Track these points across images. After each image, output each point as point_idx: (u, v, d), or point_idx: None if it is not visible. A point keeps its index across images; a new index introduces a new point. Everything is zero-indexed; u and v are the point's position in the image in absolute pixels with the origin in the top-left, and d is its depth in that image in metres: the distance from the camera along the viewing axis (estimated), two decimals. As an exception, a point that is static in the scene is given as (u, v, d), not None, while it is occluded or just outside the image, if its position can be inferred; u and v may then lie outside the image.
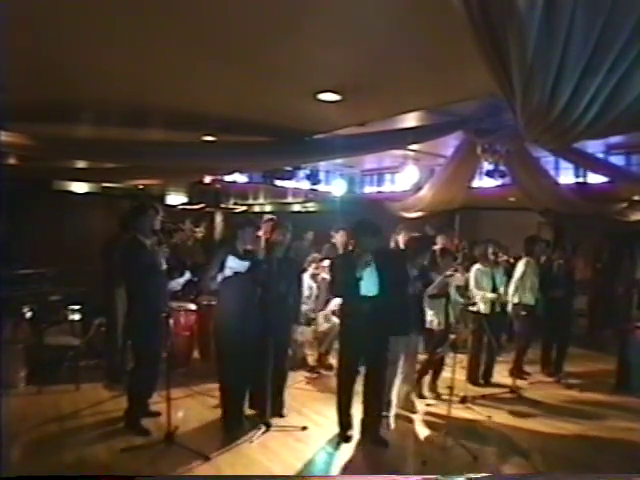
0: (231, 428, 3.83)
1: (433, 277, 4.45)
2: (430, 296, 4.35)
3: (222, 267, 3.77)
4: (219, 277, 3.75)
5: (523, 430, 4.13)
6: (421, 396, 4.68)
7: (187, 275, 4.10)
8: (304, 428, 3.92)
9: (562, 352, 5.74)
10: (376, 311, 3.60)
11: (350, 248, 5.97)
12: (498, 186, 7.27)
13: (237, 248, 3.89)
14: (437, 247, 5.48)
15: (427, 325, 4.46)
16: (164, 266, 3.82)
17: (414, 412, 4.35)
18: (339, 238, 6.88)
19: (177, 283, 3.99)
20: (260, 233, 4.57)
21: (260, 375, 3.96)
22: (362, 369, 3.81)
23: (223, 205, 12.03)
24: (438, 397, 4.72)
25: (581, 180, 7.63)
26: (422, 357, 4.73)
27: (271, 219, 4.36)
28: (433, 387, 4.85)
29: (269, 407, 3.92)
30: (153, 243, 3.86)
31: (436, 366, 4.80)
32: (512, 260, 5.91)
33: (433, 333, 4.51)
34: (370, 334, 3.61)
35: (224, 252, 3.88)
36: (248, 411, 4.06)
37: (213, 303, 3.86)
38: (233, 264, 3.75)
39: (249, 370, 3.91)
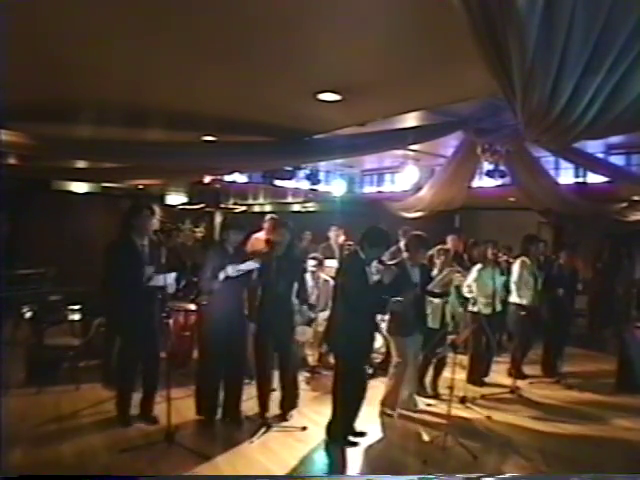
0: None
1: (433, 276, 4.46)
2: (431, 294, 4.34)
3: (223, 268, 3.78)
4: (221, 276, 3.76)
5: (523, 430, 4.13)
6: (422, 395, 4.68)
7: (173, 275, 3.99)
8: (304, 428, 3.92)
9: (559, 352, 5.74)
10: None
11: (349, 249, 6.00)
12: (498, 186, 7.28)
13: (227, 248, 3.91)
14: (441, 247, 5.47)
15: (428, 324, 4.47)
16: (156, 267, 3.81)
17: (415, 411, 4.34)
18: (332, 235, 6.89)
19: (167, 279, 3.92)
20: (261, 235, 4.59)
21: (261, 375, 3.98)
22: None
23: (223, 205, 12.04)
24: (438, 397, 4.72)
25: (581, 180, 7.63)
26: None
27: (272, 218, 4.34)
28: (434, 387, 4.85)
29: (269, 407, 3.92)
30: (148, 244, 3.88)
31: (437, 366, 4.80)
32: (511, 260, 5.91)
33: (432, 333, 4.51)
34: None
35: (214, 253, 3.91)
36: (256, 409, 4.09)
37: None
38: (230, 270, 3.76)
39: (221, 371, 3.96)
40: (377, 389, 4.46)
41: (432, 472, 3.36)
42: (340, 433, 3.69)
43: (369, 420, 4.06)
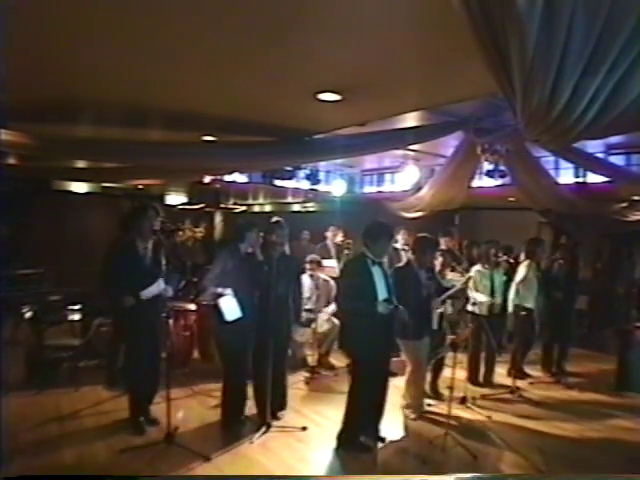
0: (231, 428, 3.85)
1: (439, 278, 4.48)
2: (448, 299, 4.35)
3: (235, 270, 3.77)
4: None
5: (523, 430, 4.13)
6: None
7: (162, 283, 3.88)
8: (304, 428, 3.92)
9: (563, 352, 5.74)
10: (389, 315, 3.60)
11: (348, 248, 6.02)
12: (498, 186, 7.27)
13: (240, 250, 3.90)
14: (440, 248, 5.47)
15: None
16: (160, 268, 3.80)
17: (421, 414, 4.34)
18: (329, 235, 6.88)
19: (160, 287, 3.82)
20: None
21: (260, 375, 3.98)
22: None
23: (223, 205, 12.05)
24: (439, 397, 4.71)
25: (581, 180, 7.63)
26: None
27: (277, 221, 4.30)
28: (434, 387, 4.85)
29: (269, 407, 3.92)
30: (150, 245, 3.87)
31: (436, 366, 4.80)
32: (512, 261, 5.91)
33: (432, 333, 4.51)
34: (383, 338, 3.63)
35: (227, 253, 3.89)
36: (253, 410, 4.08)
37: (213, 303, 3.85)
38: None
39: (248, 371, 3.92)
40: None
41: (432, 472, 3.36)
42: (352, 440, 3.64)
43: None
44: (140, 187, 10.23)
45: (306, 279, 5.33)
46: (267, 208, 14.18)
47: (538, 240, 5.78)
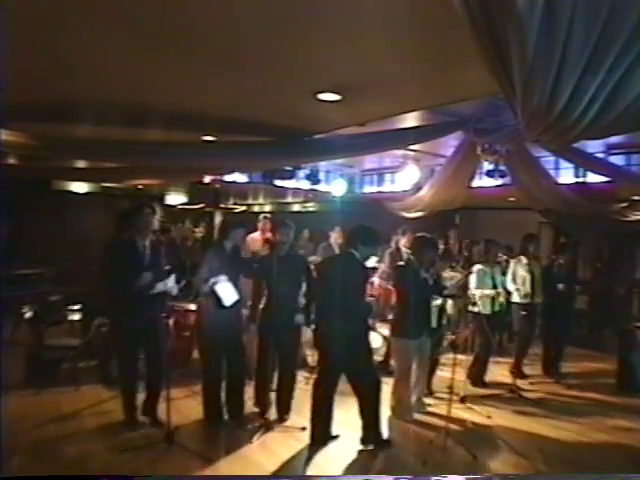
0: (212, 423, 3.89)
1: (440, 277, 4.49)
2: (449, 297, 4.36)
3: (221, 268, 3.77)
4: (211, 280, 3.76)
5: (523, 430, 4.13)
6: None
7: (172, 281, 3.90)
8: (304, 428, 3.92)
9: (559, 352, 5.74)
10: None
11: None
12: (498, 186, 7.26)
13: (226, 248, 3.91)
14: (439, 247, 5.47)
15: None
16: (156, 270, 3.80)
17: (409, 420, 4.33)
18: (333, 235, 6.90)
19: (167, 284, 3.84)
20: (257, 235, 4.55)
21: (262, 375, 3.98)
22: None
23: (223, 205, 12.04)
24: (432, 395, 4.71)
25: (581, 180, 7.63)
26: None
27: (266, 217, 4.31)
28: (429, 386, 4.85)
29: (269, 407, 3.92)
30: (149, 243, 3.87)
31: (432, 365, 4.81)
32: (511, 260, 5.92)
33: (431, 332, 4.51)
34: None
35: (212, 251, 3.92)
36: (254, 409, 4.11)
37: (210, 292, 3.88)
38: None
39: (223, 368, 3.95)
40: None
41: (432, 472, 3.36)
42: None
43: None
44: (140, 187, 10.24)
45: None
46: (267, 208, 14.18)
47: (531, 236, 5.77)
